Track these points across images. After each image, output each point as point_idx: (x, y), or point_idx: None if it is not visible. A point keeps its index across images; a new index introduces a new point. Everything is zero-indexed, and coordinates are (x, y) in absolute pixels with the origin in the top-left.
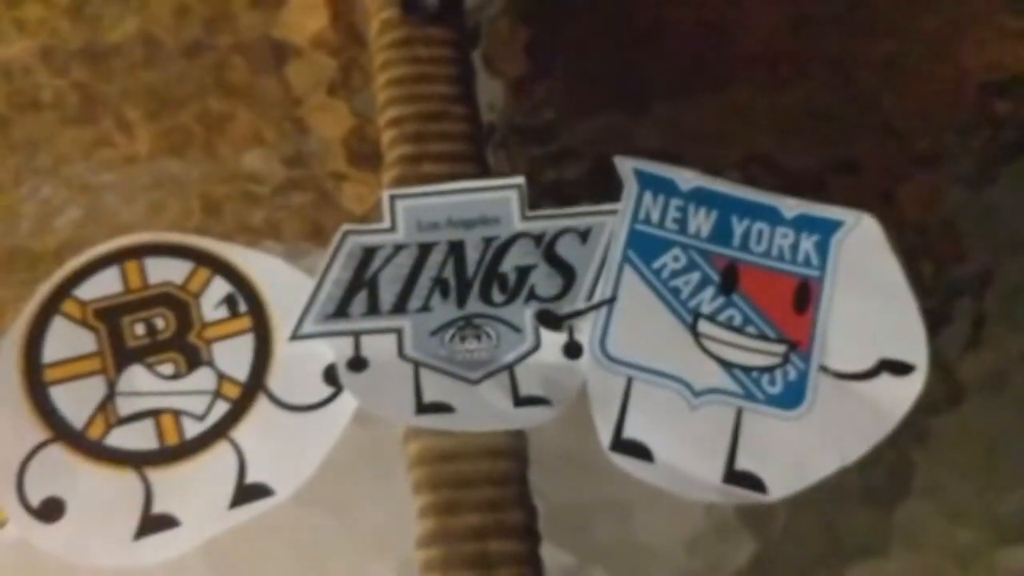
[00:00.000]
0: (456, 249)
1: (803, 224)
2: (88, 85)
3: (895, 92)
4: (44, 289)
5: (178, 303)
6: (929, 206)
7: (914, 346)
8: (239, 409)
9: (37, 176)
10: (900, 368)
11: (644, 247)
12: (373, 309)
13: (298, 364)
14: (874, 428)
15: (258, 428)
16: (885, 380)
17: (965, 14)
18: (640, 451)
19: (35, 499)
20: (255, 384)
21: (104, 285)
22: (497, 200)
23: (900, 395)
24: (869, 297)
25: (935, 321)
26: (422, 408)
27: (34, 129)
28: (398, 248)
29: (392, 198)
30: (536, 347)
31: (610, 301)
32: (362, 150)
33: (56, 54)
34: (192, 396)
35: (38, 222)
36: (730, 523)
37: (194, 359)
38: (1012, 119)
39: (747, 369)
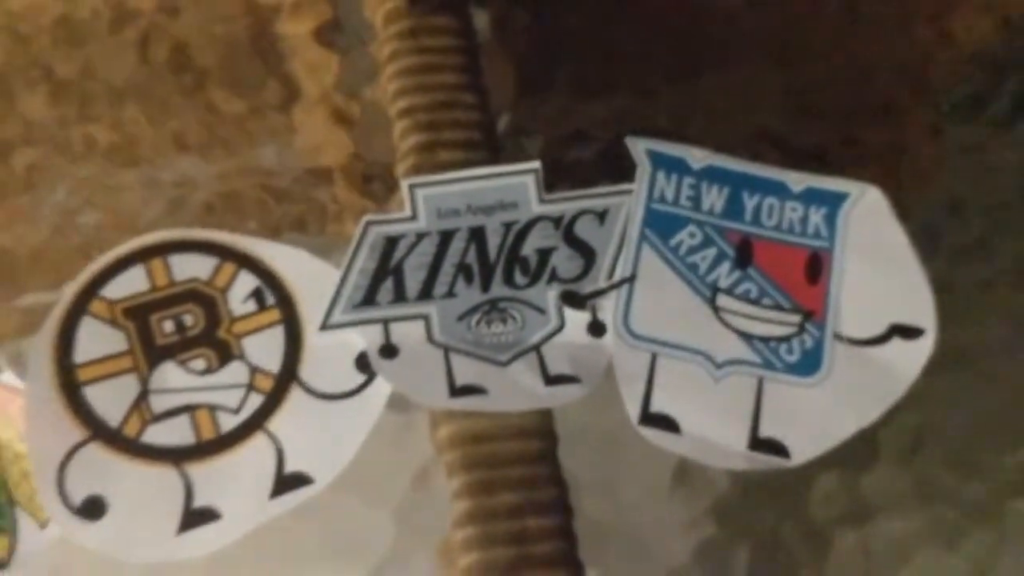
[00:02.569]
0: (477, 235)
1: (811, 197)
2: (82, 82)
3: (893, 66)
4: (71, 290)
5: (206, 299)
6: (929, 176)
7: (923, 310)
8: (273, 400)
9: (54, 176)
10: (910, 332)
11: (660, 225)
12: (400, 296)
13: (329, 353)
14: (889, 391)
15: (294, 418)
16: (897, 344)
17: None
18: (667, 423)
19: (76, 498)
20: (288, 375)
21: (131, 284)
22: (514, 185)
23: (912, 358)
24: (878, 265)
25: (941, 286)
26: (456, 391)
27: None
28: (420, 236)
29: (411, 187)
30: (561, 327)
31: (631, 279)
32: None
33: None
34: (226, 390)
35: (58, 223)
36: (755, 490)
37: (225, 354)
38: (1006, 89)
39: (765, 339)
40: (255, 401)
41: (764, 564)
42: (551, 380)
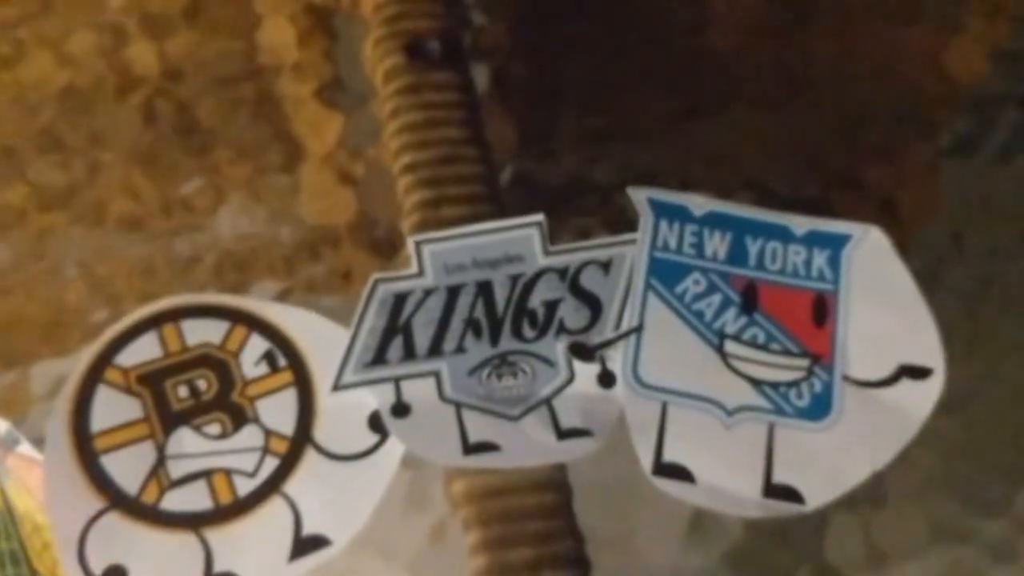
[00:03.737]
0: (484, 289)
1: (814, 240)
2: (90, 149)
3: (888, 104)
4: (85, 359)
5: (218, 363)
6: (929, 212)
7: (930, 350)
8: (289, 463)
9: (66, 243)
10: (919, 372)
11: (665, 273)
12: (410, 354)
13: (342, 414)
14: (900, 432)
15: (309, 480)
16: (906, 385)
17: (947, 24)
18: (681, 473)
19: (98, 568)
20: (302, 437)
21: (144, 351)
22: (519, 238)
23: (921, 398)
24: (883, 306)
25: (947, 324)
26: (469, 449)
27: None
28: (428, 292)
29: (418, 244)
30: (571, 379)
31: (638, 328)
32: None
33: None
34: (241, 454)
35: (70, 289)
36: (769, 535)
37: (239, 417)
38: (1003, 122)
39: (775, 385)
40: (271, 464)
41: None
42: (563, 434)
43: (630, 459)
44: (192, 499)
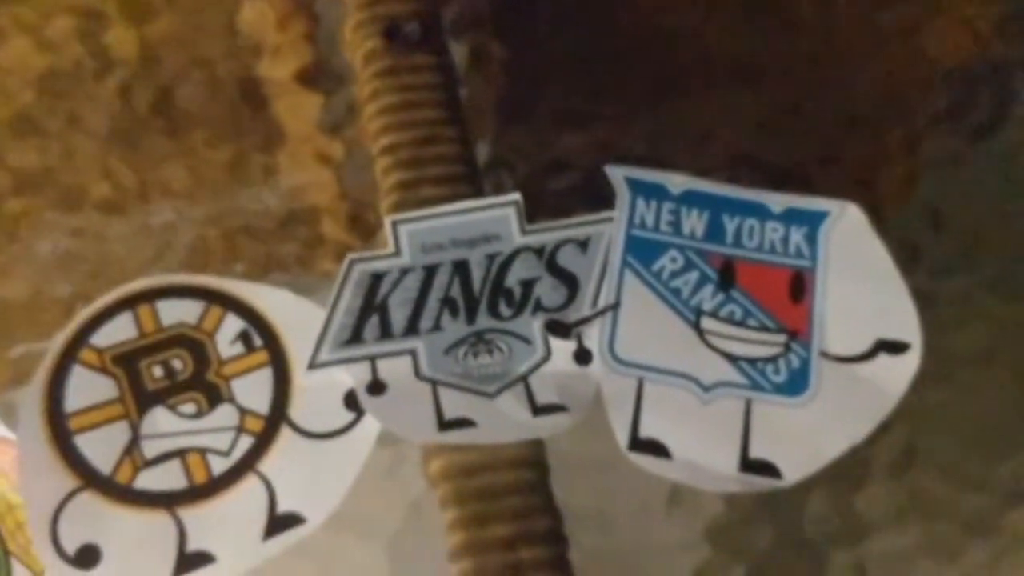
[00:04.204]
0: (461, 268)
1: (791, 217)
2: (68, 133)
3: (867, 84)
4: (60, 340)
5: (194, 343)
6: (907, 191)
7: (907, 325)
8: (264, 442)
9: (42, 226)
10: (896, 347)
11: (642, 251)
12: (386, 333)
13: (318, 393)
14: (878, 407)
15: (284, 458)
16: (883, 360)
17: (927, 4)
18: (657, 449)
19: (70, 547)
20: (277, 416)
21: (119, 331)
22: (496, 217)
23: (899, 373)
24: (860, 282)
25: (924, 300)
26: (444, 425)
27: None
28: (404, 271)
29: (395, 223)
30: (547, 357)
31: (614, 306)
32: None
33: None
34: (216, 433)
35: (47, 272)
36: (749, 511)
37: (215, 397)
38: (978, 101)
39: (752, 361)
40: (245, 443)
41: None
42: (539, 410)
43: (608, 435)
44: (166, 478)
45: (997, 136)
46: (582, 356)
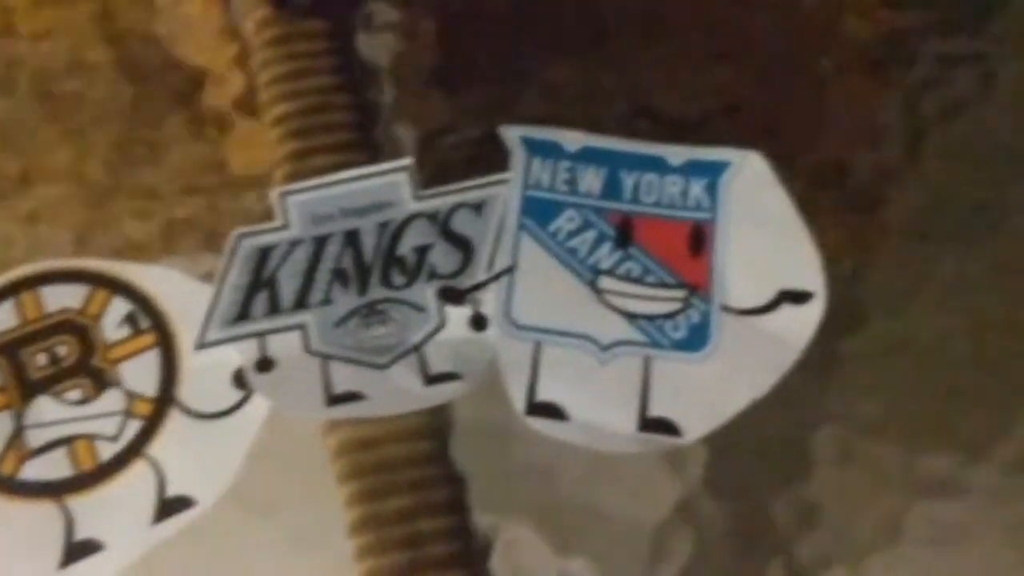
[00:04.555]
0: (352, 238)
1: (691, 170)
2: None
3: (773, 31)
4: None
5: (79, 328)
6: (813, 137)
7: (810, 274)
8: (152, 425)
9: None
10: (799, 297)
11: (538, 212)
12: (275, 308)
13: (207, 373)
14: (780, 358)
15: (173, 441)
16: (786, 310)
17: None
18: (554, 412)
19: None
20: (166, 398)
21: (1, 320)
22: (388, 184)
23: (801, 323)
24: (762, 232)
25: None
26: (332, 400)
27: None
28: (294, 244)
29: (282, 195)
30: (442, 324)
31: (510, 270)
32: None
33: None
34: (103, 419)
35: None
36: (652, 467)
37: (101, 382)
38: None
39: (651, 318)
40: (134, 427)
41: None
42: (431, 379)
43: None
44: (53, 467)
45: (904, 83)
46: (478, 322)
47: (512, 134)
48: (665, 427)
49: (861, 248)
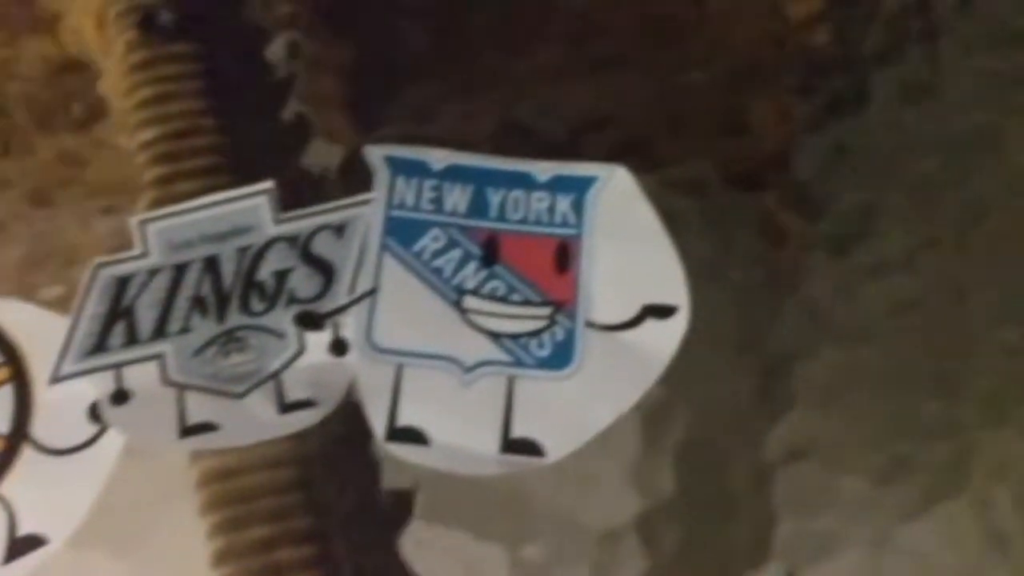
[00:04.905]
0: (211, 264)
1: (558, 185)
2: None
3: (636, 46)
4: None
5: None
6: (689, 151)
7: (674, 288)
8: (4, 462)
9: None
10: (663, 311)
11: (402, 232)
12: (132, 339)
13: (62, 407)
14: (644, 373)
15: (25, 479)
16: (650, 325)
17: None
18: (415, 437)
19: None
20: (18, 434)
21: None
22: (248, 208)
23: (666, 337)
24: (627, 247)
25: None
26: (185, 431)
27: None
28: (152, 273)
29: (141, 223)
30: (301, 350)
31: (372, 292)
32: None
33: None
34: None
35: None
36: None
37: None
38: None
39: (515, 336)
40: None
41: None
42: (286, 407)
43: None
44: None
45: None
46: (338, 347)
47: (375, 153)
48: (528, 447)
49: None
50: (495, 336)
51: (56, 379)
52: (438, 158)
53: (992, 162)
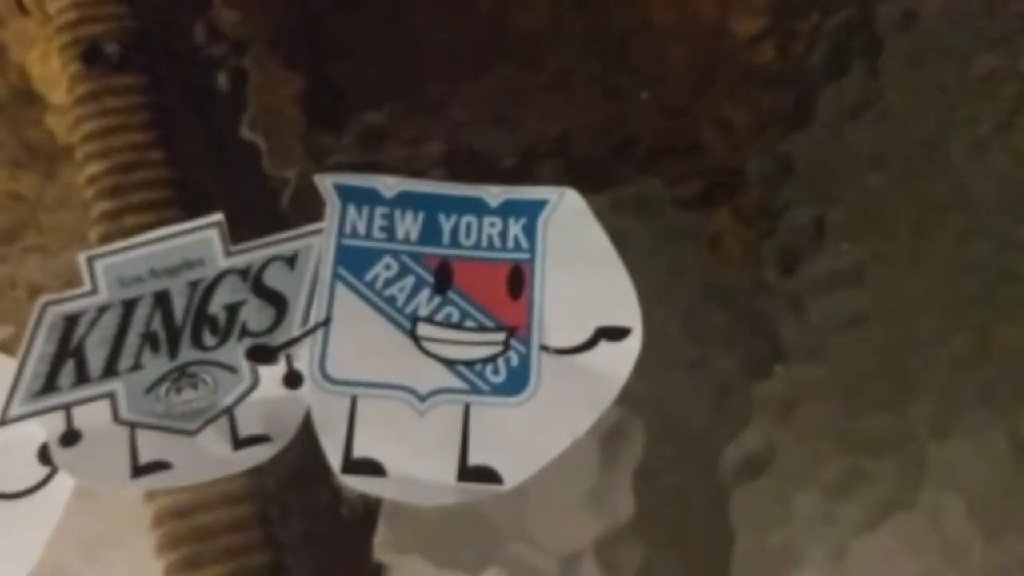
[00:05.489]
0: (162, 299)
1: (510, 210)
2: None
3: (586, 67)
4: None
5: None
6: (638, 171)
7: (627, 309)
8: None
9: None
10: (616, 333)
11: (354, 261)
12: (82, 378)
13: (11, 450)
14: (600, 396)
15: None
16: (604, 347)
17: None
18: (372, 468)
19: None
20: None
21: None
22: (199, 241)
23: (620, 359)
24: (579, 270)
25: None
26: (137, 471)
27: None
28: (102, 309)
29: (89, 259)
30: (255, 384)
31: (325, 323)
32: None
33: None
34: None
35: None
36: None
37: None
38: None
39: (470, 363)
40: None
41: None
42: (240, 443)
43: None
44: None
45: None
46: (292, 379)
47: (326, 182)
48: (486, 475)
49: None
50: (450, 363)
51: (4, 422)
52: (389, 185)
53: (938, 176)
